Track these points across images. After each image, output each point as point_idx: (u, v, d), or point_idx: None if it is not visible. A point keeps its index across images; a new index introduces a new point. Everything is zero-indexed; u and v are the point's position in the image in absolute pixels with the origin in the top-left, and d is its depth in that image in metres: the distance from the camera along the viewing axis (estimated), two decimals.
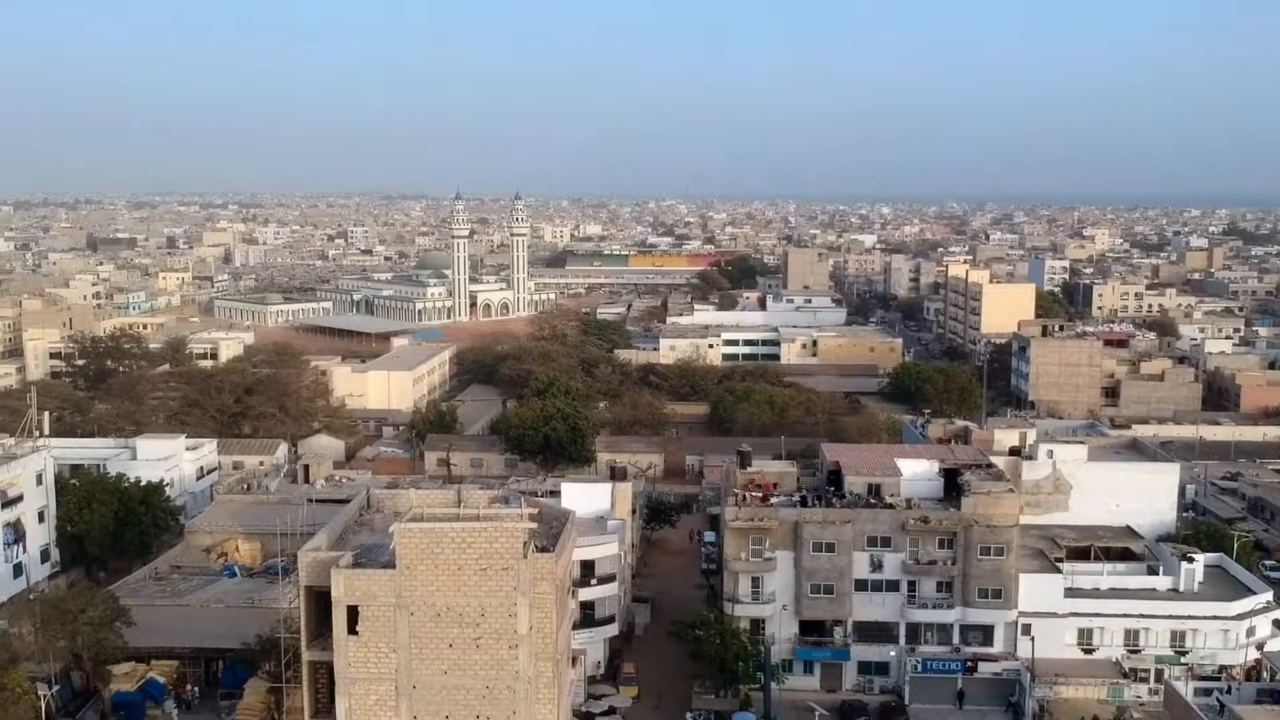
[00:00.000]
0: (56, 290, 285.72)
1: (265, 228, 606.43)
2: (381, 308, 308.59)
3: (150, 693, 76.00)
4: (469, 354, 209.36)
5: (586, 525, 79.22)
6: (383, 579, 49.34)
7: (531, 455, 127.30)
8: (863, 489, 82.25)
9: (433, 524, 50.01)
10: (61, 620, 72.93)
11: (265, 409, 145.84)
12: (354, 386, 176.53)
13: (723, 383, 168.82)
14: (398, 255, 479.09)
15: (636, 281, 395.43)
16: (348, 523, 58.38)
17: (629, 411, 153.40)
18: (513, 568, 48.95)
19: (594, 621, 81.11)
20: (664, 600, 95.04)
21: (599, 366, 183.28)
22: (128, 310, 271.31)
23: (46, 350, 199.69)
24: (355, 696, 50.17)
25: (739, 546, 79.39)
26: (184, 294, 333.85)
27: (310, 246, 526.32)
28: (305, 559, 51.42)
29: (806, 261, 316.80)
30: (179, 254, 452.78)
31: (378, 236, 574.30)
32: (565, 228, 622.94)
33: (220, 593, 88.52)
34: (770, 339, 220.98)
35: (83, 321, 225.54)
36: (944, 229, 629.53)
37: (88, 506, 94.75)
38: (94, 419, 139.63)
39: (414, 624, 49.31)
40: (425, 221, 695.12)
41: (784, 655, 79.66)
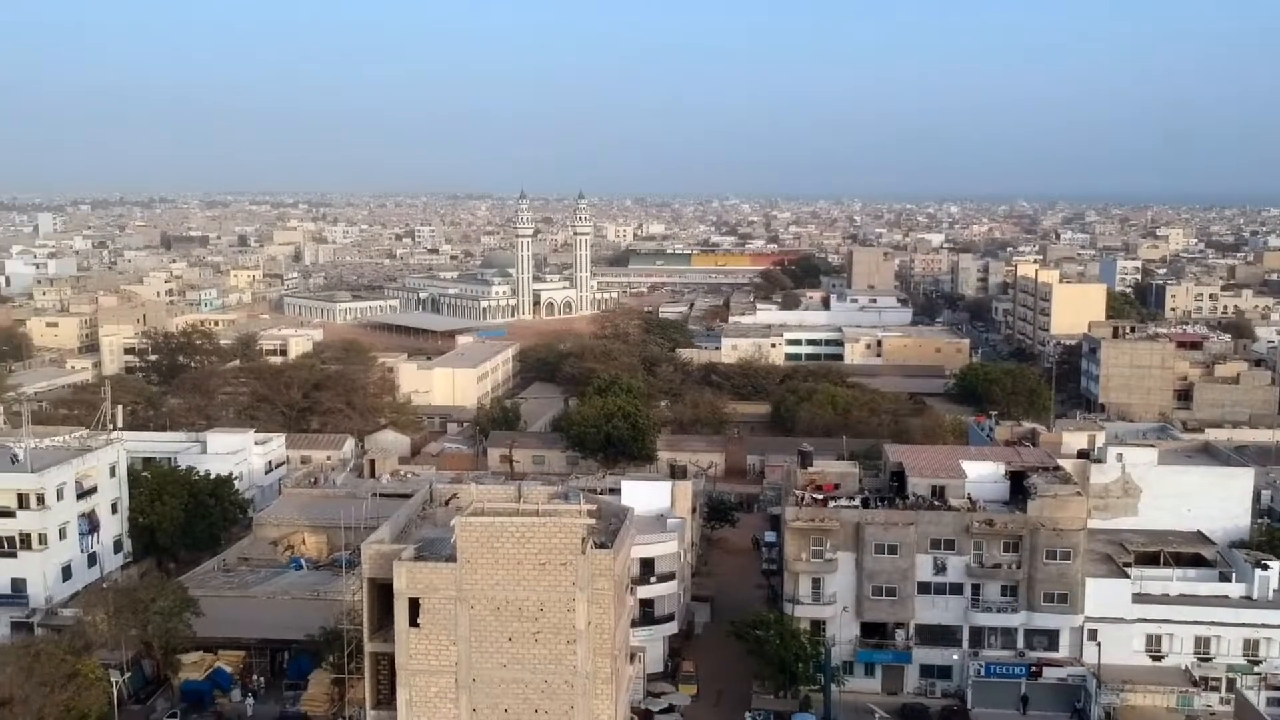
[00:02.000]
0: (131, 287, 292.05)
1: (334, 227, 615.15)
2: (447, 306, 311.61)
3: (218, 682, 77.59)
4: (532, 352, 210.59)
5: (646, 523, 79.34)
6: (444, 572, 49.78)
7: (593, 453, 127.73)
8: (926, 491, 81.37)
9: (493, 519, 50.36)
10: (133, 609, 74.64)
11: (333, 405, 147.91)
12: (419, 383, 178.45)
13: (785, 382, 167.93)
14: (463, 254, 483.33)
15: (699, 281, 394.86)
16: (411, 516, 58.98)
17: (690, 410, 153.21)
18: (571, 563, 49.14)
19: (653, 619, 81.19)
20: (724, 600, 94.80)
21: (660, 365, 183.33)
22: (200, 307, 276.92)
23: (121, 346, 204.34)
24: (416, 688, 50.68)
25: (800, 547, 78.96)
26: (255, 291, 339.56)
27: (378, 245, 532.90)
28: (368, 551, 52.06)
29: (872, 261, 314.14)
30: (250, 252, 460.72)
31: (444, 236, 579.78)
32: (628, 227, 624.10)
33: (286, 584, 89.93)
34: (834, 339, 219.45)
35: (156, 318, 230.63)
36: (1013, 228, 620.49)
37: (159, 499, 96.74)
38: (166, 413, 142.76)
39: (474, 617, 49.70)
40: (490, 221, 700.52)
41: (845, 657, 79.11)
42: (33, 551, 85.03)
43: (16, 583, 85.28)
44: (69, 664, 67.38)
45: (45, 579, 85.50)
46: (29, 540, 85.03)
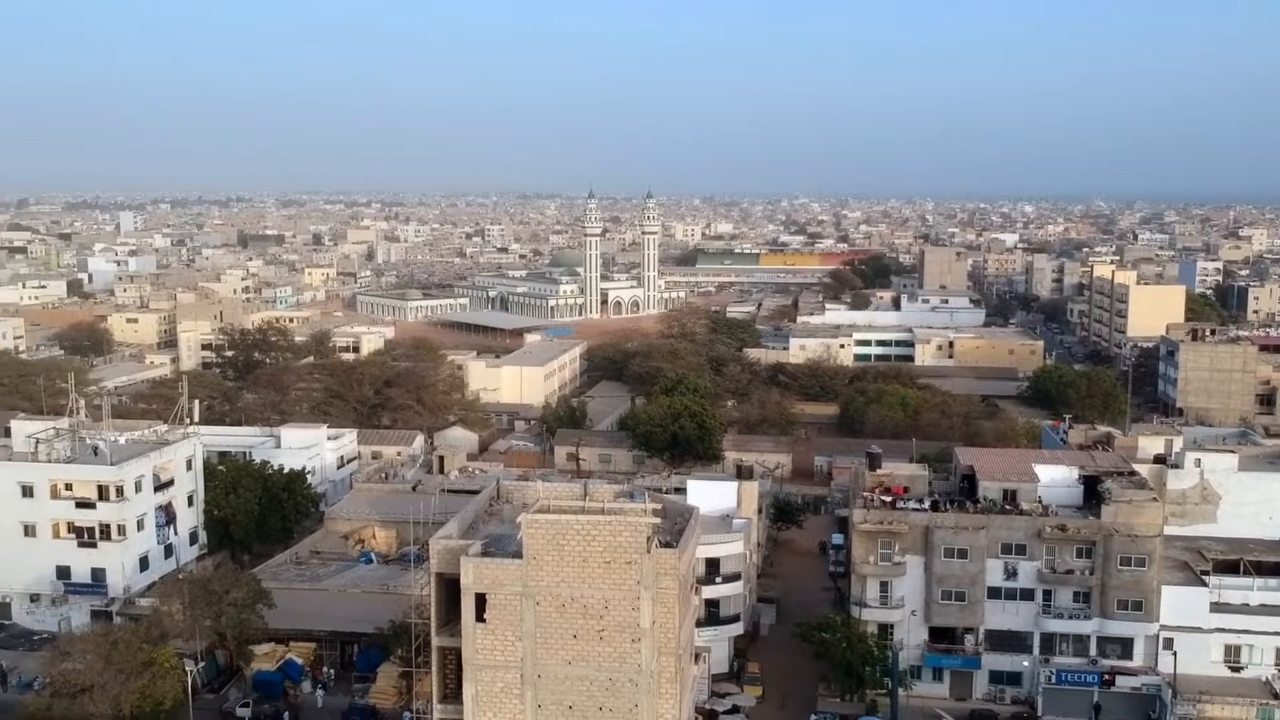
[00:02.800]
0: (209, 285, 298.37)
1: (406, 226, 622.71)
2: (516, 304, 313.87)
3: (288, 673, 78.86)
4: (599, 351, 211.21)
5: (712, 523, 79.15)
6: (510, 568, 50.07)
7: (659, 452, 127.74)
8: (998, 494, 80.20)
9: (558, 516, 50.55)
10: (208, 600, 76.15)
11: (403, 401, 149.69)
12: (488, 381, 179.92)
13: (854, 383, 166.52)
14: (532, 253, 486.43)
15: (767, 280, 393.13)
16: (478, 512, 59.42)
17: (757, 410, 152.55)
18: (636, 562, 49.15)
19: (719, 619, 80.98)
20: (790, 601, 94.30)
21: (728, 365, 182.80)
22: (275, 304, 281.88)
23: (199, 342, 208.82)
24: (482, 683, 51.04)
25: (867, 550, 78.24)
26: (328, 289, 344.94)
27: (449, 244, 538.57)
28: (436, 547, 52.54)
29: (944, 260, 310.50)
30: (324, 251, 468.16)
31: (513, 235, 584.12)
32: (696, 226, 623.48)
33: (357, 578, 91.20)
34: (904, 339, 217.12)
35: (233, 315, 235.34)
36: (1090, 228, 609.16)
37: (234, 492, 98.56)
38: (241, 408, 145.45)
39: (539, 614, 49.94)
40: (559, 220, 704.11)
41: (912, 661, 78.25)
42: (112, 542, 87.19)
43: (96, 572, 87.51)
44: (145, 653, 68.99)
45: (124, 569, 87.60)
46: (108, 531, 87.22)
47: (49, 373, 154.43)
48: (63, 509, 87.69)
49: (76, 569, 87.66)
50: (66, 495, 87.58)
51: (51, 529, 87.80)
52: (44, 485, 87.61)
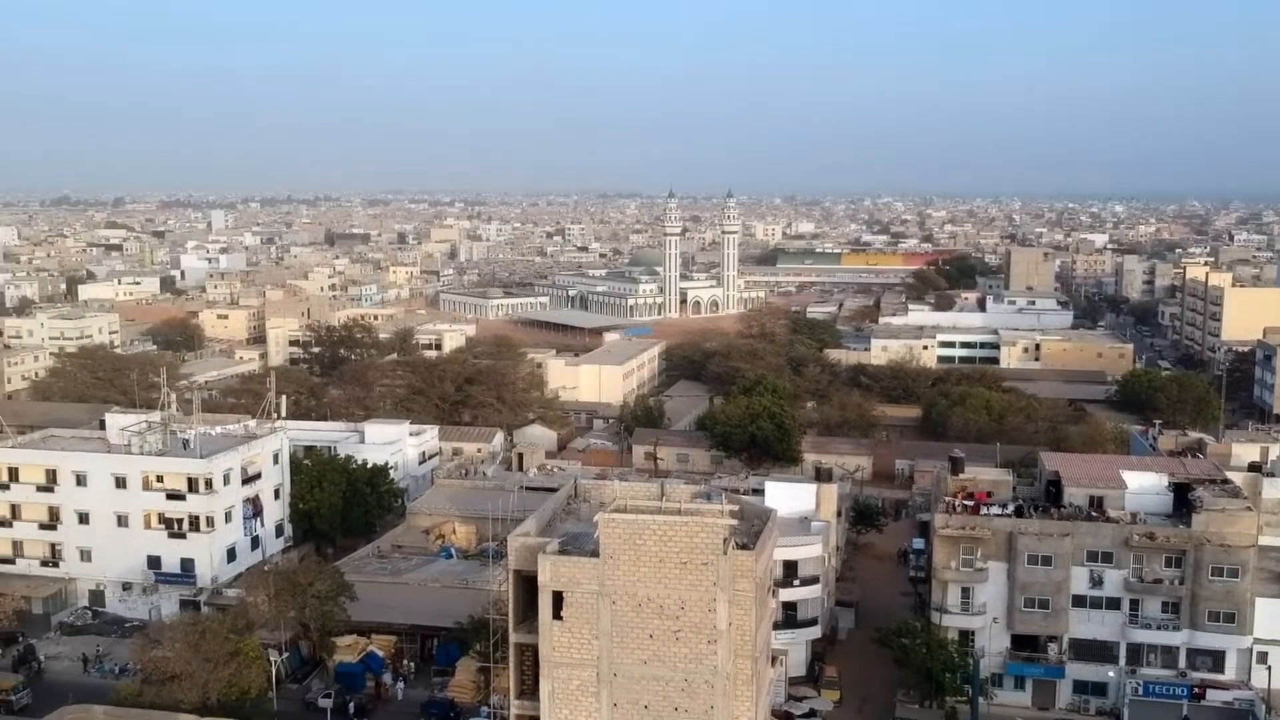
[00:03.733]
0: (297, 282, 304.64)
1: (489, 225, 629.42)
2: (595, 303, 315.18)
3: (370, 665, 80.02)
4: (678, 350, 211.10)
5: (790, 525, 78.59)
6: (587, 566, 50.25)
7: (737, 453, 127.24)
8: (1084, 501, 78.41)
9: (635, 516, 50.60)
10: (292, 592, 77.57)
11: (484, 398, 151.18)
12: (567, 379, 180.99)
13: (937, 385, 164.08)
14: (612, 252, 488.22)
15: (849, 280, 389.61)
16: (556, 510, 59.73)
17: (837, 412, 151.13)
18: (712, 563, 48.99)
19: (796, 622, 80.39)
20: (869, 605, 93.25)
21: (808, 366, 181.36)
22: (360, 302, 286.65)
23: (286, 338, 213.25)
24: (558, 680, 51.31)
25: (949, 555, 77.07)
26: (412, 287, 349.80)
27: (530, 243, 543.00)
28: (514, 544, 52.91)
29: (1031, 261, 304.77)
30: (408, 249, 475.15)
31: (593, 234, 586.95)
32: (777, 225, 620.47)
33: (437, 573, 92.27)
34: (989, 341, 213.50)
35: (319, 312, 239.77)
36: (1183, 229, 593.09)
37: (319, 486, 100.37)
38: (327, 403, 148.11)
39: (616, 613, 50.03)
40: (639, 219, 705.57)
41: (994, 669, 76.90)
42: (200, 533, 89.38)
43: (185, 562, 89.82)
44: (232, 642, 70.46)
45: (211, 560, 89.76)
46: (197, 522, 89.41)
47: (142, 367, 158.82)
48: (154, 500, 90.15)
49: (166, 559, 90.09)
50: (158, 487, 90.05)
51: (143, 519, 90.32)
52: (136, 477, 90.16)
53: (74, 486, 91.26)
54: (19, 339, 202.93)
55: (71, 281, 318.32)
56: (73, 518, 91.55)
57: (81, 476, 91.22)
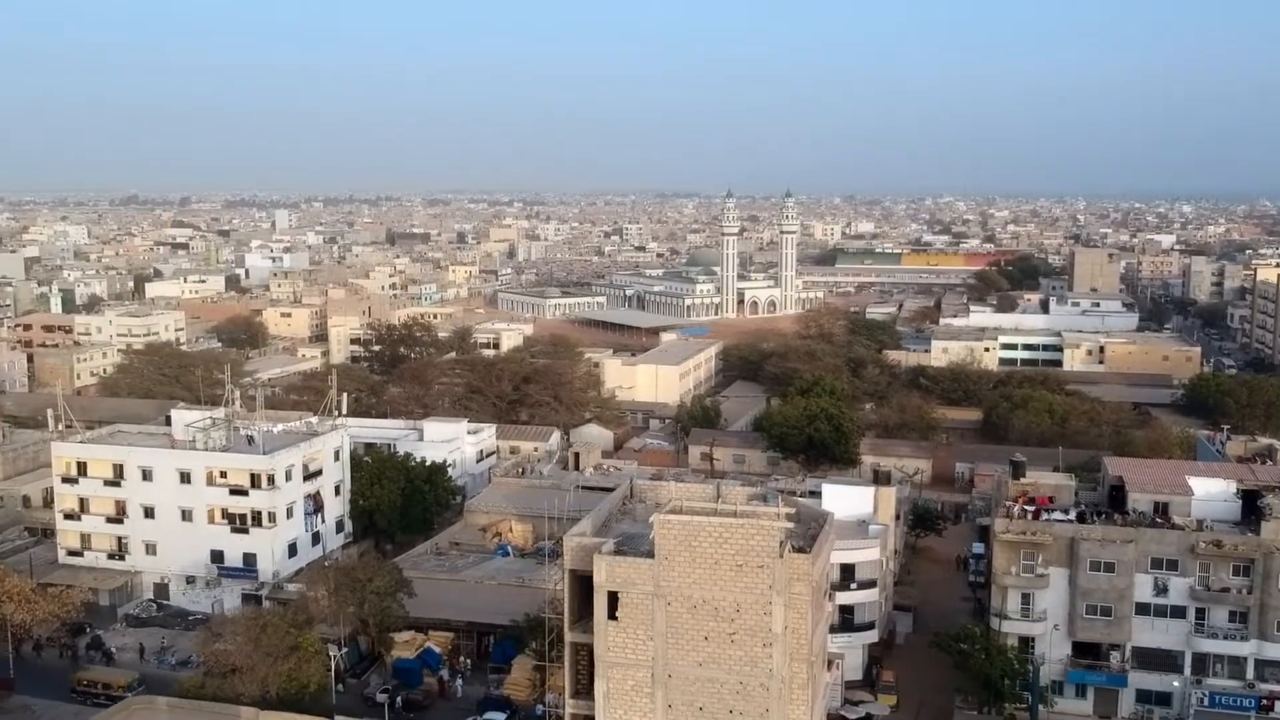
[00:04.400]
0: (358, 281, 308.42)
1: (547, 224, 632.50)
2: (652, 303, 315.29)
3: (427, 661, 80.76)
4: (735, 350, 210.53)
5: (847, 528, 78.01)
6: (642, 567, 50.21)
7: (794, 454, 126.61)
8: (1148, 507, 76.99)
9: (691, 518, 50.45)
10: (352, 587, 78.52)
11: (541, 397, 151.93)
12: (624, 379, 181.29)
13: (998, 388, 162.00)
14: (669, 252, 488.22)
15: (909, 281, 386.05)
16: (611, 510, 59.78)
17: (896, 414, 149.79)
18: (768, 566, 48.74)
19: (853, 626, 79.81)
20: (927, 610, 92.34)
21: (866, 367, 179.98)
22: (420, 301, 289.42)
23: (348, 336, 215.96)
24: (613, 680, 51.32)
25: (1009, 560, 76.06)
26: (471, 286, 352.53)
27: (588, 243, 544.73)
28: (570, 544, 53.03)
29: (1095, 262, 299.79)
30: (467, 249, 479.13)
31: (651, 234, 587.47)
32: (836, 225, 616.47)
33: (493, 570, 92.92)
34: (1052, 343, 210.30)
35: (380, 310, 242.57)
36: (1254, 229, 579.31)
37: (378, 483, 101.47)
38: (386, 401, 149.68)
39: (671, 614, 49.95)
40: (697, 219, 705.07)
41: (1054, 676, 75.77)
42: (263, 528, 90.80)
43: (248, 557, 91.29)
44: (292, 636, 71.46)
45: (273, 554, 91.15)
46: (260, 518, 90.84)
47: (207, 364, 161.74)
48: (217, 495, 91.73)
49: (229, 553, 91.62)
50: (221, 482, 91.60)
51: (207, 514, 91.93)
52: (201, 472, 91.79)
53: (140, 481, 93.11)
54: (88, 336, 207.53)
55: (139, 280, 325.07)
56: (139, 512, 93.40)
57: (147, 471, 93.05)
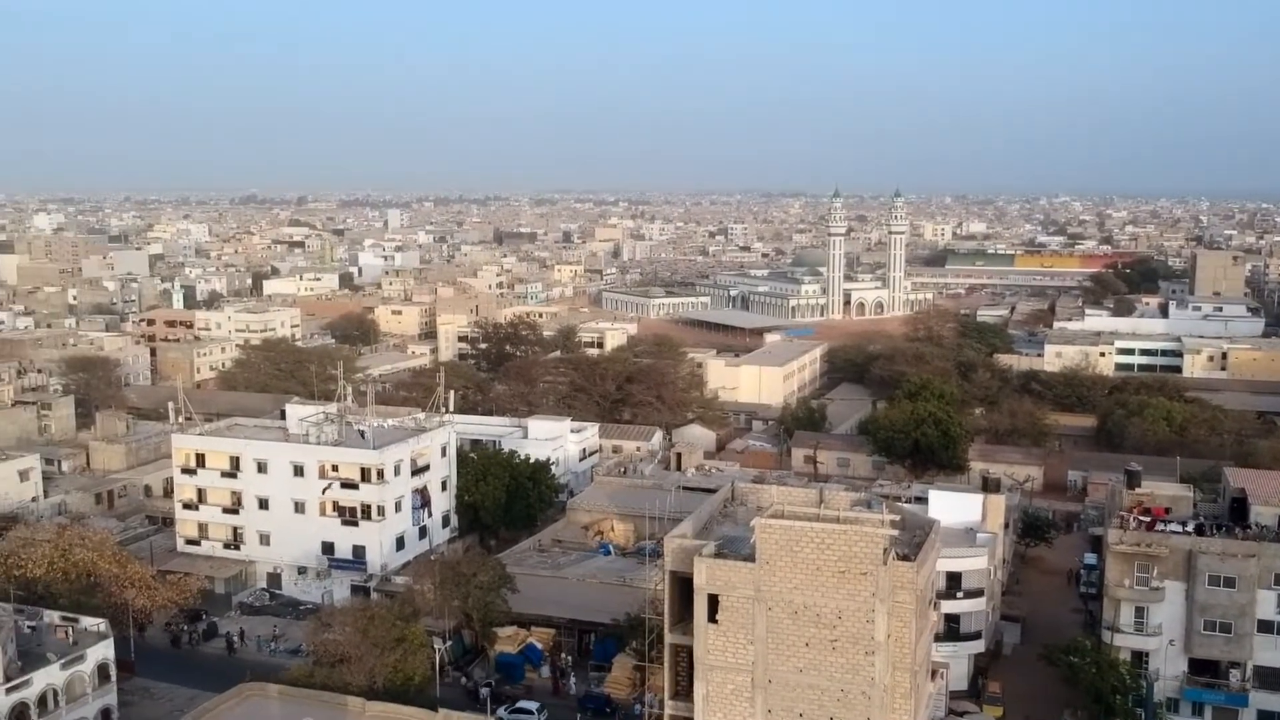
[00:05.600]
0: (466, 280, 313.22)
1: (652, 224, 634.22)
2: (756, 303, 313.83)
3: (529, 656, 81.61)
4: (840, 352, 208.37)
5: (954, 536, 76.60)
6: (743, 571, 50.00)
7: (900, 459, 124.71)
8: (1272, 521, 73.97)
9: (792, 522, 50.07)
10: (457, 582, 79.69)
11: (644, 397, 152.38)
12: (727, 379, 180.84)
13: (1114, 394, 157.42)
14: (774, 252, 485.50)
15: (1021, 283, 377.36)
16: (712, 513, 59.66)
17: (1007, 419, 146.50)
18: (871, 573, 48.10)
19: (958, 635, 78.32)
20: (1036, 621, 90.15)
21: (976, 371, 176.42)
22: (526, 299, 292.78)
23: (456, 334, 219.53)
24: (713, 683, 51.22)
25: (1122, 572, 73.79)
26: (576, 285, 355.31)
27: (692, 243, 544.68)
28: (671, 545, 53.07)
29: (1218, 265, 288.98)
30: (573, 248, 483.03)
31: (756, 233, 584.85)
32: (947, 225, 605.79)
33: (595, 568, 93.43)
34: (1171, 349, 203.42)
35: (487, 309, 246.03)
36: None
37: (483, 479, 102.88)
38: (492, 399, 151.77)
39: (771, 619, 49.65)
40: (803, 219, 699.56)
41: (1169, 693, 73.24)
42: (372, 522, 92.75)
43: (357, 549, 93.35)
44: (399, 628, 72.79)
45: (381, 547, 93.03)
46: (369, 511, 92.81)
47: (321, 360, 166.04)
48: (329, 488, 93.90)
49: (340, 545, 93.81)
50: (333, 476, 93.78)
51: (319, 507, 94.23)
52: (313, 466, 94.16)
53: (255, 473, 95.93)
54: (208, 331, 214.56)
55: (257, 277, 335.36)
56: (253, 503, 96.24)
57: (262, 464, 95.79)
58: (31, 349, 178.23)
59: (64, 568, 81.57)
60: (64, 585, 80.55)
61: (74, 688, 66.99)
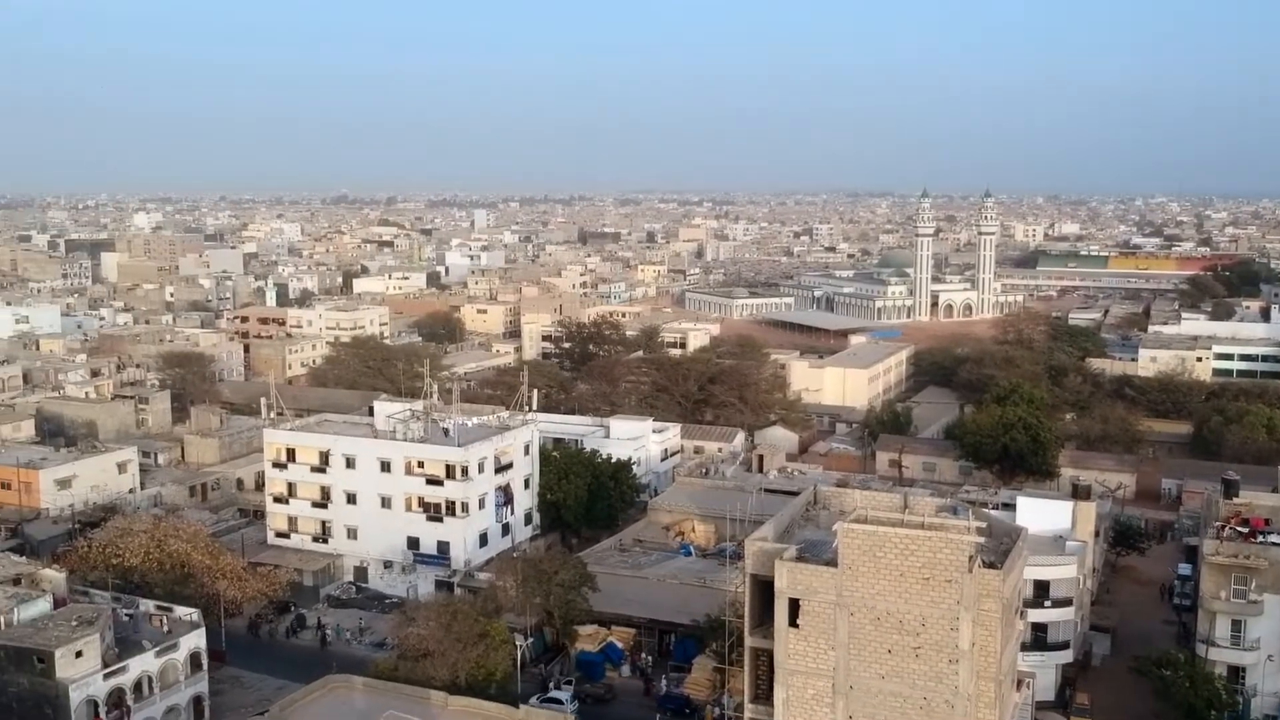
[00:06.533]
0: (551, 279, 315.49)
1: (736, 224, 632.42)
2: (841, 305, 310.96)
3: (609, 655, 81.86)
4: (927, 355, 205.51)
5: (1042, 544, 75.07)
6: (825, 576, 49.60)
7: (987, 464, 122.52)
8: None
9: (876, 528, 49.54)
10: (538, 579, 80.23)
11: (726, 398, 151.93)
12: (810, 381, 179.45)
13: (1211, 400, 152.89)
14: (860, 253, 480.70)
15: (1115, 285, 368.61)
16: (794, 516, 59.27)
17: (1099, 425, 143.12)
18: (956, 580, 47.36)
19: (1046, 645, 76.69)
20: (1127, 632, 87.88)
21: (1067, 375, 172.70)
22: (609, 299, 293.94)
23: (539, 333, 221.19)
24: (793, 688, 50.89)
25: (1218, 585, 71.63)
26: (659, 286, 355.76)
27: (776, 243, 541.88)
28: (751, 548, 52.84)
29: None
30: (657, 248, 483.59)
31: (841, 234, 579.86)
32: (1038, 226, 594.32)
33: (675, 569, 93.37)
34: (1273, 354, 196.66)
35: (571, 308, 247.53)
36: None
37: (565, 477, 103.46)
38: (575, 398, 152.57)
39: (853, 625, 49.17)
40: (890, 219, 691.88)
41: (1267, 710, 71.01)
42: (456, 518, 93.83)
43: (441, 545, 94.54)
44: (481, 624, 73.49)
45: (465, 544, 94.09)
46: (453, 507, 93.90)
47: (408, 357, 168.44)
48: (415, 484, 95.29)
49: (424, 541, 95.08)
50: (418, 472, 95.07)
51: (405, 502, 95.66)
52: (400, 462, 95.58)
53: (344, 468, 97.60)
54: (299, 328, 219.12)
55: (347, 275, 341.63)
56: (341, 497, 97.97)
57: (351, 459, 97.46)
58: (130, 345, 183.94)
59: (159, 558, 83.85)
60: (159, 575, 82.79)
61: (168, 675, 68.89)
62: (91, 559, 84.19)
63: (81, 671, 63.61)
